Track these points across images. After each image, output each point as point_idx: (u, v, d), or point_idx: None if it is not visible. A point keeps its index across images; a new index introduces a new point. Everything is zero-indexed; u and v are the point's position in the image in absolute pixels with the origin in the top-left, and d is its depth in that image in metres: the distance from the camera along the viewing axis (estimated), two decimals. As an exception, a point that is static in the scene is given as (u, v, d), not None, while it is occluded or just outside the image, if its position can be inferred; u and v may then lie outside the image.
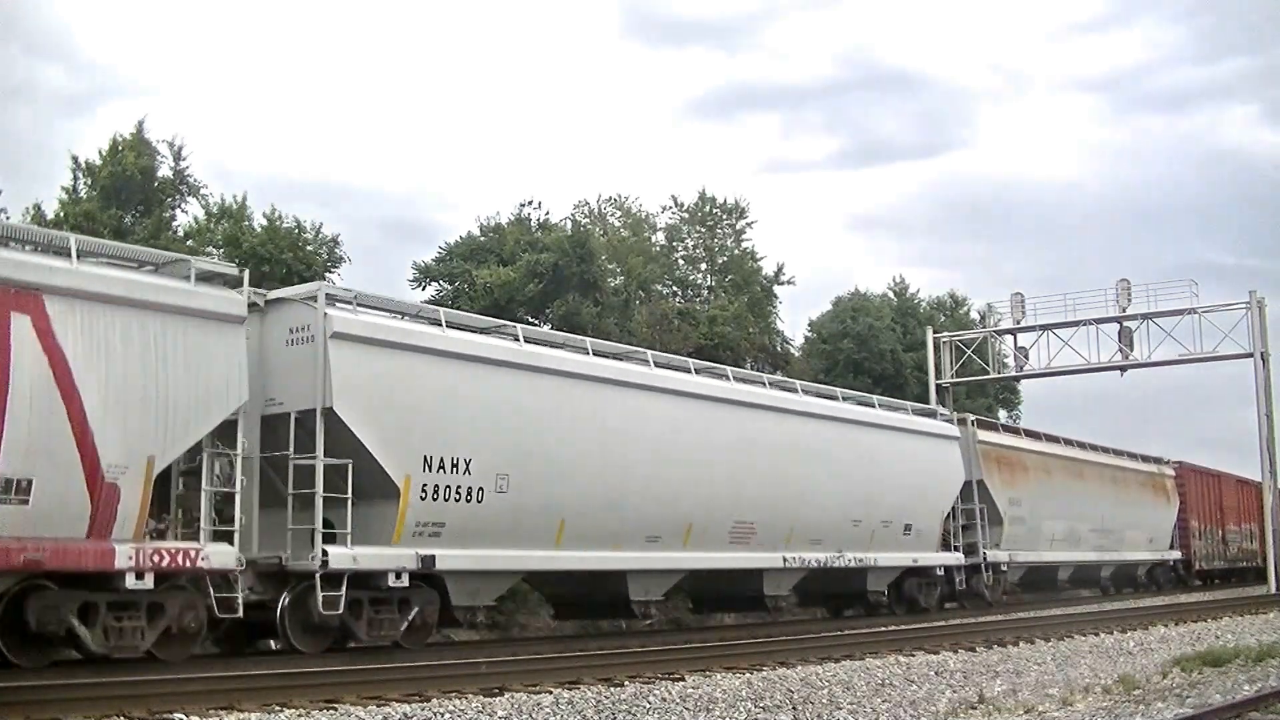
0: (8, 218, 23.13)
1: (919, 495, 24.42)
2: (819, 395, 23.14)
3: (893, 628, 20.88)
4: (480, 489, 15.38)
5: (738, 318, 36.64)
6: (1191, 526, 39.75)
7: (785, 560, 20.82)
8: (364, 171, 76.89)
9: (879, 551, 23.12)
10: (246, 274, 14.11)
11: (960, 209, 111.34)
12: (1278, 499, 34.81)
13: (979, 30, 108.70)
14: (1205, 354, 34.99)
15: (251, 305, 14.02)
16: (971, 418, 28.15)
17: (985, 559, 26.65)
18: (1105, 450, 35.02)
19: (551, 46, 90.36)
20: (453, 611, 15.87)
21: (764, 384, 21.77)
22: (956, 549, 25.96)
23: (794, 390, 22.19)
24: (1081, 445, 33.98)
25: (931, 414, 26.43)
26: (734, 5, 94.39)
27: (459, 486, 15.22)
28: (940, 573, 25.40)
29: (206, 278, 13.45)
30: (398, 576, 14.68)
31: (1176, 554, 38.88)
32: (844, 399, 23.53)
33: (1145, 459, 38.00)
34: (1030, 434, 32.07)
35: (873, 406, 24.17)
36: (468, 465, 15.32)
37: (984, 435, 27.96)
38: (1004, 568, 27.73)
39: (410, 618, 15.03)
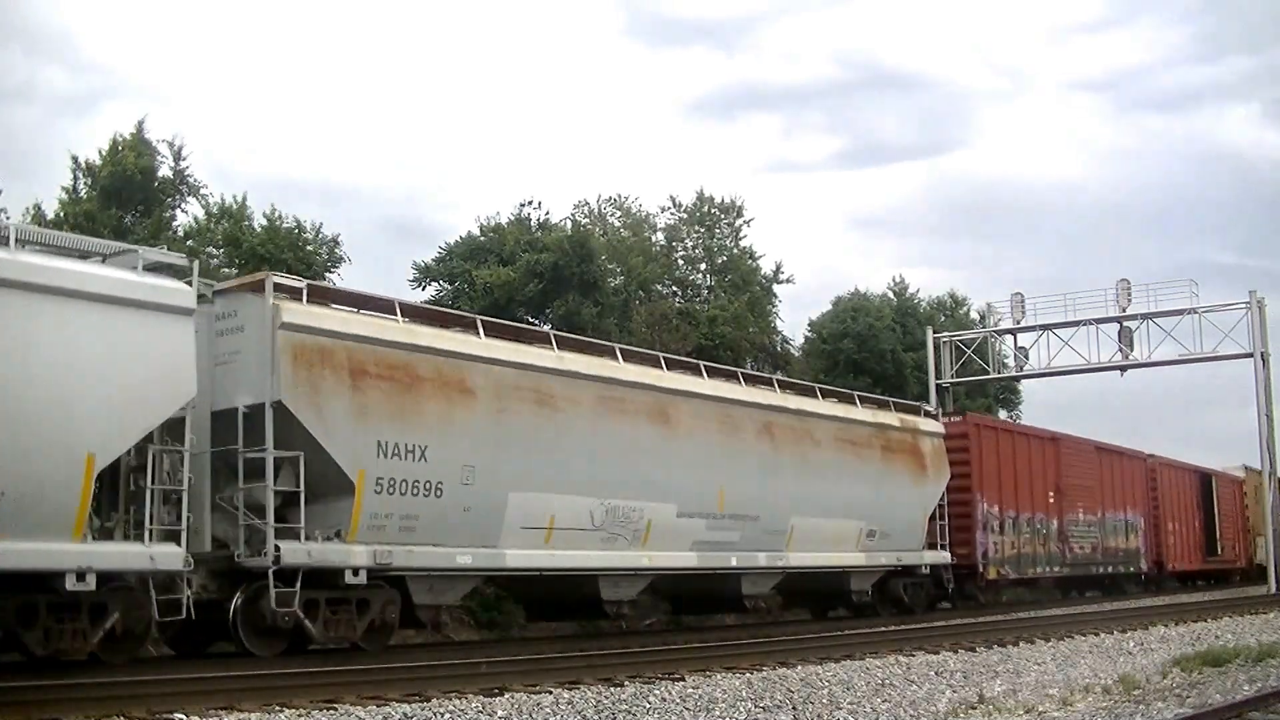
0: (8, 218, 23.12)
1: None
2: None
3: (893, 627, 20.81)
4: None
5: (737, 318, 36.67)
6: (981, 513, 26.53)
7: None
8: (364, 171, 76.99)
9: None
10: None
11: (960, 209, 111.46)
12: (1278, 497, 34.84)
13: (979, 30, 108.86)
14: (1205, 354, 34.95)
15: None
16: (277, 279, 14.27)
17: (245, 562, 13.53)
18: (753, 381, 21.70)
19: (553, 47, 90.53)
20: None
21: None
22: (174, 540, 12.42)
23: None
24: (689, 366, 20.32)
25: (85, 253, 12.81)
26: (734, 5, 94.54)
27: None
28: (73, 586, 11.55)
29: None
30: None
31: (945, 556, 25.07)
32: None
33: (867, 401, 24.34)
34: (502, 327, 17.50)
35: None
36: None
37: (304, 314, 14.09)
38: (331, 577, 14.04)
39: None
